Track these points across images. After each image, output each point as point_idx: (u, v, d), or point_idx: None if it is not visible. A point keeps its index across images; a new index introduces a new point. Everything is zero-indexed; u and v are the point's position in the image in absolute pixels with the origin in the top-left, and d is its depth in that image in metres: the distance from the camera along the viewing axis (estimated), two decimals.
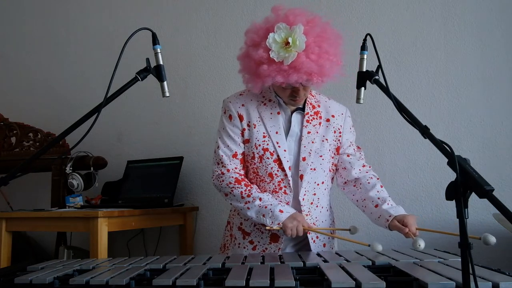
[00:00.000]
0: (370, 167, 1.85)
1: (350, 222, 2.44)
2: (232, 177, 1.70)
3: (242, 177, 1.72)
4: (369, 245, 1.46)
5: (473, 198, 0.91)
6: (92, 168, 2.68)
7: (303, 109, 1.74)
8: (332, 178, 1.84)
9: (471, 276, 0.88)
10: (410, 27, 2.47)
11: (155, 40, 1.39)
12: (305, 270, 1.24)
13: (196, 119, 2.83)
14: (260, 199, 1.65)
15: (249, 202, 1.66)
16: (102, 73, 3.03)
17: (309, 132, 1.72)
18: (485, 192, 0.89)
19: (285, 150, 1.69)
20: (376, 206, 1.69)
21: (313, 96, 1.80)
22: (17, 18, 3.43)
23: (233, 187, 1.69)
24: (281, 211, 1.61)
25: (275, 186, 1.70)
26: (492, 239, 1.30)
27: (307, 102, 1.75)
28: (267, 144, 1.70)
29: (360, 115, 2.45)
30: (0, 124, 3.01)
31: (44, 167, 2.79)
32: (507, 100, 2.31)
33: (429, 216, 2.36)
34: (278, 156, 1.69)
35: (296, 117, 1.73)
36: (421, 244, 1.37)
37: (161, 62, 1.39)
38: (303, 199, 1.70)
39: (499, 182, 2.26)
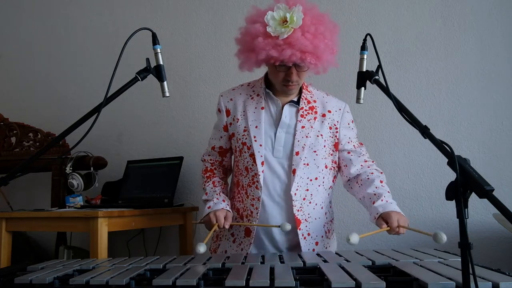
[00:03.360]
0: (373, 161, 1.80)
1: (350, 222, 2.44)
2: (205, 165, 1.87)
3: (212, 167, 1.85)
4: (279, 226, 1.62)
5: (473, 198, 0.91)
6: (92, 168, 2.68)
7: (297, 103, 1.74)
8: (335, 177, 1.81)
9: (471, 276, 0.88)
10: (410, 27, 2.47)
11: (155, 40, 1.39)
12: (305, 270, 1.24)
13: (196, 119, 2.83)
14: (206, 193, 1.78)
15: (204, 193, 1.78)
16: (102, 73, 3.03)
17: (303, 127, 1.71)
18: (485, 192, 0.89)
19: (260, 145, 1.69)
20: (373, 203, 1.65)
21: (309, 92, 1.78)
22: (17, 18, 3.43)
23: (202, 175, 1.86)
24: (208, 207, 1.71)
25: (249, 180, 1.72)
26: (443, 237, 1.31)
27: (302, 97, 1.74)
28: (246, 138, 1.72)
29: (360, 115, 2.45)
30: (0, 124, 3.01)
31: (44, 167, 2.79)
32: (507, 100, 2.31)
33: (429, 216, 2.36)
34: (253, 151, 1.70)
35: (289, 109, 1.72)
36: (351, 238, 1.38)
37: (161, 62, 1.39)
38: (295, 194, 1.69)
39: (499, 182, 2.26)
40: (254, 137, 1.70)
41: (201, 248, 1.46)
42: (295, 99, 1.74)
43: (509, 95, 2.31)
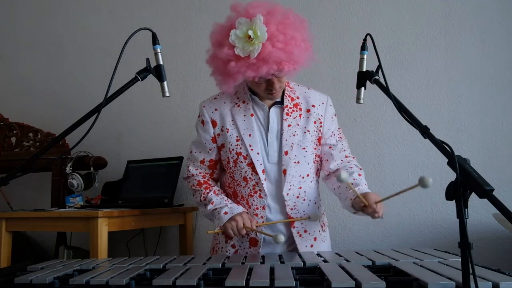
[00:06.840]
0: (354, 157, 1.80)
1: (342, 217, 2.43)
2: (196, 179, 1.77)
3: (205, 179, 1.77)
4: (309, 218, 1.63)
5: (473, 198, 0.91)
6: (92, 168, 2.67)
7: (281, 102, 1.71)
8: (318, 170, 1.80)
9: (471, 276, 0.88)
10: (410, 27, 2.47)
11: (155, 40, 1.39)
12: (305, 270, 1.24)
13: (196, 119, 2.82)
14: (212, 202, 1.69)
15: (205, 205, 1.71)
16: (102, 73, 3.02)
17: (289, 125, 1.69)
18: (485, 192, 0.89)
19: (258, 153, 1.67)
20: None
21: (291, 88, 1.75)
22: (17, 18, 3.43)
23: (195, 189, 1.77)
24: (225, 213, 1.64)
25: (250, 190, 1.69)
26: (429, 181, 1.14)
27: (286, 95, 1.72)
28: (240, 148, 1.68)
29: (360, 115, 2.45)
30: (0, 124, 3.01)
31: (44, 167, 2.79)
32: (507, 100, 2.31)
33: (429, 216, 2.36)
34: (251, 160, 1.66)
35: (274, 111, 1.70)
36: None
37: (161, 62, 1.39)
38: (287, 194, 1.68)
39: (499, 182, 2.26)
40: (250, 145, 1.67)
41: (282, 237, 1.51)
42: (279, 99, 1.72)
43: (509, 95, 2.31)
